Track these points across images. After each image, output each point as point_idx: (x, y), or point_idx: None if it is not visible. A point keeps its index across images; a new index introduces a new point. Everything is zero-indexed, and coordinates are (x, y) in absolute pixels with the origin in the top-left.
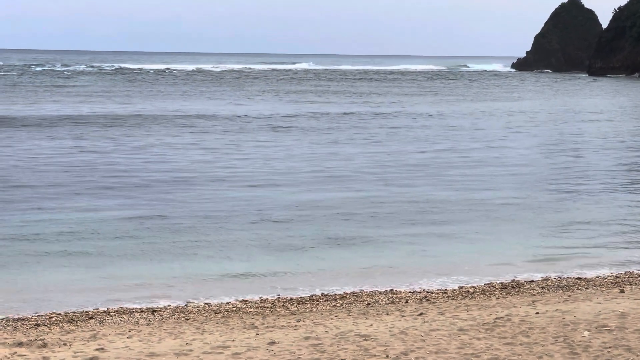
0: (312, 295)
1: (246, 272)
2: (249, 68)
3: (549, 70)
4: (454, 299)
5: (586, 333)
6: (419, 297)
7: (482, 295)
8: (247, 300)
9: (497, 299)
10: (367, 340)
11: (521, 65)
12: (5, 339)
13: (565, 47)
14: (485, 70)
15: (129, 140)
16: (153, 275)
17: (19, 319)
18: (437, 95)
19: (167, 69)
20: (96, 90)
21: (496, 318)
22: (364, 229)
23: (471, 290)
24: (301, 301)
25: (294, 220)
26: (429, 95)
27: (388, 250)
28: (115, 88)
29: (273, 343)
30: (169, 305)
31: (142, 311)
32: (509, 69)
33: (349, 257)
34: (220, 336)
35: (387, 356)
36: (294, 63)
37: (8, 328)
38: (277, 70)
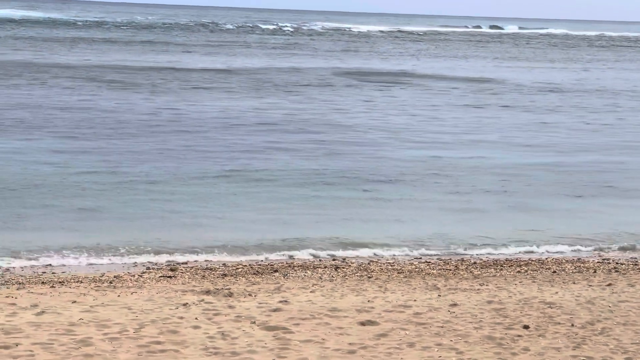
0: (496, 260)
1: (430, 234)
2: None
3: None
4: None
5: None
6: (607, 268)
7: None
8: (430, 262)
9: None
10: (551, 308)
11: None
12: (194, 286)
13: None
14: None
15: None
16: (339, 233)
17: (207, 269)
18: None
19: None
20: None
21: None
22: (550, 196)
23: None
24: (485, 265)
25: (481, 185)
26: None
27: (576, 219)
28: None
29: (455, 305)
30: (352, 263)
31: (325, 267)
32: None
33: (534, 223)
34: (402, 295)
35: (572, 325)
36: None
37: (197, 277)
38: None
